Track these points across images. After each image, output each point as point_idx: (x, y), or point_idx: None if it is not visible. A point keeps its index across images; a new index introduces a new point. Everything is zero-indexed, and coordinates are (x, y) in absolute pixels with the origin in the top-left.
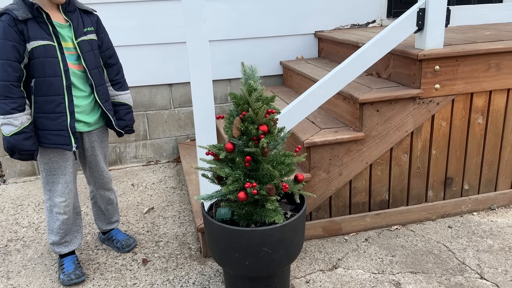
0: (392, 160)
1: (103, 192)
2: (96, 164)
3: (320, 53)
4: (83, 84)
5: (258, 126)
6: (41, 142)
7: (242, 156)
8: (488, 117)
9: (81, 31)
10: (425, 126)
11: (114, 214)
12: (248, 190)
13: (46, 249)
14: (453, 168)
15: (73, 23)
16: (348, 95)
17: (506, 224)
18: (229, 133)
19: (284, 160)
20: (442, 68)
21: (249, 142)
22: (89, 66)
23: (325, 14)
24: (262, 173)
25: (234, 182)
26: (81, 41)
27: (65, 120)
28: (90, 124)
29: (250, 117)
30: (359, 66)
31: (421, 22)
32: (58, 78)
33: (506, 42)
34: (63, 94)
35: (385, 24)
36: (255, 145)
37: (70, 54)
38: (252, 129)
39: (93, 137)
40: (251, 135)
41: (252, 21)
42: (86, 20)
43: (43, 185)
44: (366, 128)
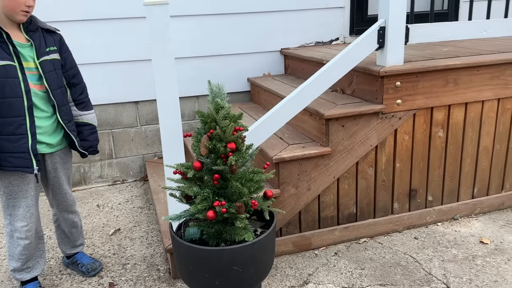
0: (358, 173)
1: (67, 215)
2: (59, 186)
3: (287, 69)
4: (45, 104)
5: (226, 143)
6: (1, 165)
7: (211, 174)
8: (448, 130)
9: (43, 50)
10: (388, 140)
11: (78, 237)
12: (217, 209)
13: (6, 276)
14: (417, 180)
15: (34, 43)
16: (314, 111)
17: (469, 233)
18: (197, 151)
19: (253, 177)
20: (403, 84)
21: (217, 160)
22: (51, 86)
23: (290, 32)
24: (231, 191)
25: (203, 201)
26: (43, 61)
27: (26, 142)
28: (53, 146)
29: (218, 135)
30: (324, 83)
31: (382, 40)
32: (19, 99)
33: (462, 58)
34: (24, 115)
35: (348, 41)
36: (223, 163)
37: (31, 74)
38: (220, 147)
39: (55, 159)
40: (219, 153)
41: (219, 39)
42: (49, 39)
43: (3, 209)
44: (332, 143)
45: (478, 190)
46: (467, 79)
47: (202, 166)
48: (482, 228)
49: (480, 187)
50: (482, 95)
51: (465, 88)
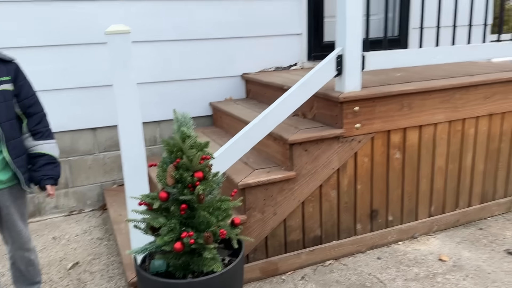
0: (322, 196)
1: (23, 253)
2: (12, 224)
3: (248, 94)
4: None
5: (193, 172)
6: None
7: (177, 205)
8: (404, 152)
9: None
10: (349, 163)
11: (35, 275)
12: (185, 240)
13: None
14: (378, 201)
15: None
16: (278, 136)
17: (428, 251)
18: (163, 181)
19: (220, 205)
20: (361, 109)
21: (184, 190)
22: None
23: (251, 57)
24: (199, 221)
25: (170, 232)
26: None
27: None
28: (2, 182)
29: (185, 164)
30: (287, 108)
31: (340, 67)
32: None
33: (415, 84)
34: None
35: (306, 66)
36: (190, 193)
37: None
38: (187, 176)
39: (5, 196)
40: (187, 183)
41: (181, 64)
42: (1, 69)
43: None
44: (296, 167)
45: (434, 208)
46: (420, 103)
47: (168, 197)
48: (440, 246)
49: (436, 205)
50: (434, 118)
51: (419, 112)
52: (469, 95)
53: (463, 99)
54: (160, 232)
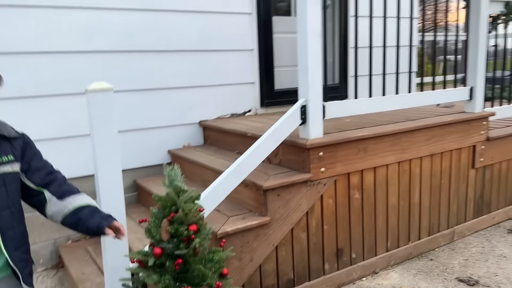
0: (294, 239)
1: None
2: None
3: (206, 140)
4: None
5: (188, 226)
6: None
7: (172, 259)
8: (363, 192)
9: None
10: (316, 205)
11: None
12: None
13: None
14: (342, 240)
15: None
16: (251, 183)
17: (390, 285)
18: (157, 236)
19: (212, 257)
20: (325, 154)
21: (180, 244)
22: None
23: (208, 105)
24: (193, 274)
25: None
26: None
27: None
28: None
29: (180, 218)
30: (259, 155)
31: (304, 116)
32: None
33: (368, 129)
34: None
35: (259, 112)
36: (186, 246)
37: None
38: (183, 230)
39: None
40: (182, 237)
41: (140, 113)
42: (4, 147)
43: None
44: (270, 212)
45: (390, 243)
46: (373, 147)
47: (162, 252)
48: (399, 279)
49: (392, 240)
50: (386, 160)
51: (373, 155)
52: (414, 138)
53: (409, 142)
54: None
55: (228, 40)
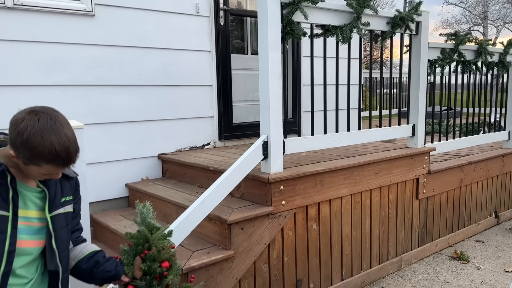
0: (256, 271)
1: None
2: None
3: (165, 173)
4: (27, 268)
5: (160, 263)
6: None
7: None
8: (319, 223)
9: (58, 202)
10: (277, 237)
11: None
12: None
13: None
14: (301, 271)
15: (49, 191)
16: (215, 217)
17: None
18: (129, 274)
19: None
20: (285, 187)
21: (153, 281)
22: (60, 247)
23: (167, 138)
24: None
25: None
26: (56, 215)
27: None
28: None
29: (152, 256)
30: (224, 190)
31: (266, 152)
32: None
33: (324, 164)
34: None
35: (218, 145)
36: (158, 283)
37: (27, 226)
38: (156, 267)
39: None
40: (155, 274)
41: (96, 147)
42: (66, 186)
43: None
44: (234, 246)
45: (345, 272)
46: (329, 180)
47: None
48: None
49: (346, 270)
50: (340, 192)
51: (328, 188)
52: (364, 172)
53: (360, 175)
54: None
55: (188, 76)
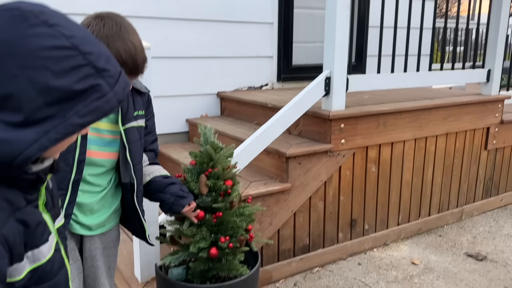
0: (311, 207)
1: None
2: (95, 279)
3: (223, 111)
4: (99, 177)
5: (224, 181)
6: None
7: (210, 213)
8: (379, 166)
9: (130, 115)
10: (334, 176)
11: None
12: (223, 245)
13: None
14: (356, 211)
15: (122, 105)
16: (273, 150)
17: (401, 256)
18: (195, 191)
19: (243, 211)
20: (346, 126)
21: (218, 198)
22: (134, 159)
23: (226, 77)
24: (227, 227)
25: (202, 240)
26: (129, 128)
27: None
28: (92, 228)
29: (216, 174)
30: (282, 124)
31: (328, 88)
32: (66, 169)
33: (389, 105)
34: (65, 190)
35: (276, 87)
36: (222, 200)
37: (98, 137)
38: (222, 185)
39: (95, 244)
40: (220, 191)
41: (160, 80)
42: (138, 101)
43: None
44: (291, 179)
45: (402, 217)
46: (393, 122)
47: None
48: (409, 251)
49: (403, 215)
50: (403, 136)
51: (391, 130)
52: (431, 116)
53: (426, 120)
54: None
55: (249, 12)
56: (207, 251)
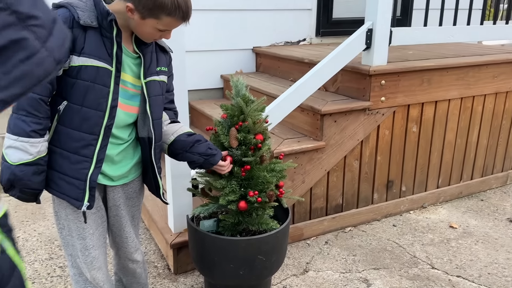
0: (346, 166)
1: (127, 263)
2: (120, 227)
3: (258, 67)
4: (123, 130)
5: (255, 135)
6: (47, 185)
7: (239, 166)
8: (421, 126)
9: (153, 69)
10: (372, 135)
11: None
12: (252, 199)
13: None
14: (394, 172)
15: (144, 58)
16: (308, 107)
17: (439, 219)
18: (226, 144)
19: (274, 166)
20: (387, 83)
21: (248, 152)
22: (154, 114)
23: (262, 31)
24: (257, 181)
25: (231, 193)
26: (151, 81)
27: (87, 168)
28: (114, 178)
29: (247, 127)
30: (318, 80)
31: (369, 41)
32: (99, 114)
33: (434, 60)
34: (97, 134)
35: (314, 42)
36: (252, 154)
37: (123, 89)
38: (252, 138)
39: (118, 193)
40: (250, 145)
41: (192, 35)
42: (161, 57)
43: (63, 246)
44: (325, 138)
45: (442, 180)
46: (438, 79)
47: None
48: (448, 215)
49: (443, 178)
50: (449, 94)
51: (436, 88)
52: (481, 74)
53: (475, 77)
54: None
55: None
56: (236, 204)
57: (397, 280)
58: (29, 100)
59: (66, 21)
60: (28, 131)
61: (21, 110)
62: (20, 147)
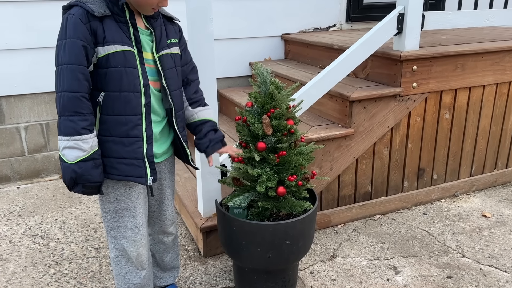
0: (375, 154)
1: (161, 237)
2: (160, 201)
3: (287, 55)
4: (159, 106)
5: (286, 121)
6: (107, 173)
7: (274, 153)
8: (454, 112)
9: (164, 42)
10: (403, 122)
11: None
12: (293, 183)
13: (28, 261)
14: (425, 160)
15: (155, 32)
16: (337, 94)
17: (471, 208)
18: (260, 132)
19: (301, 150)
20: (419, 68)
21: (282, 138)
22: (170, 86)
23: (290, 17)
24: (289, 166)
25: (268, 180)
26: (163, 55)
27: (141, 146)
28: (157, 155)
29: (279, 113)
30: (348, 66)
31: (401, 25)
32: (137, 94)
33: (469, 45)
34: (140, 114)
35: (344, 28)
36: (286, 140)
37: (149, 67)
38: (286, 124)
39: (161, 169)
40: (284, 131)
41: (221, 22)
42: (170, 29)
43: (106, 230)
44: (354, 125)
45: (475, 168)
46: (472, 65)
47: (265, 146)
48: (481, 204)
49: (477, 166)
50: (484, 80)
51: (470, 73)
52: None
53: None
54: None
55: None
56: (275, 190)
57: (426, 268)
58: (71, 100)
59: (82, 17)
60: (78, 129)
61: (66, 111)
62: (74, 145)
